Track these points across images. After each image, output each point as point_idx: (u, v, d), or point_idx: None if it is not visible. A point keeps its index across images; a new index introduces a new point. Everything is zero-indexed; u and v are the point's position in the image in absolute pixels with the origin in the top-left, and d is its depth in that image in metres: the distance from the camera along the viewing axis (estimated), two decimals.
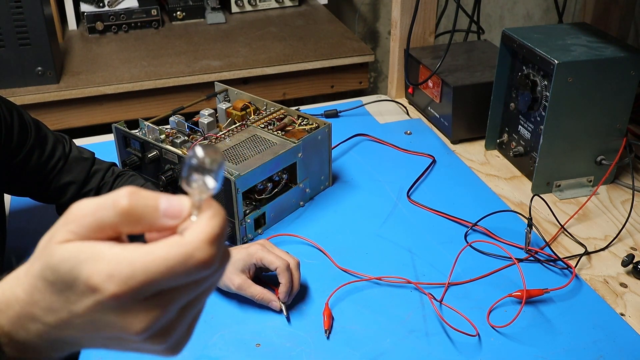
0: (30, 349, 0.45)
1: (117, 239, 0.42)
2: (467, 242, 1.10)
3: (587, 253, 1.09)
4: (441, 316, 0.95)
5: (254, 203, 1.12)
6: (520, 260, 1.06)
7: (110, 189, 1.06)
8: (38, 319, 0.43)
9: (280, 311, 0.96)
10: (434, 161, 1.35)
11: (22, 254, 1.08)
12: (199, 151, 0.41)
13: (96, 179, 1.06)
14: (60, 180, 1.03)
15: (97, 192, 1.06)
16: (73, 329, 0.43)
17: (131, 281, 0.39)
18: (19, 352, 0.45)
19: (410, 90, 1.58)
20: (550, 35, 1.24)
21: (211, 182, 0.41)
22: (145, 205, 0.41)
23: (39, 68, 1.78)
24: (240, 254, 0.96)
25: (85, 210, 0.42)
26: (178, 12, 2.25)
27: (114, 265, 0.39)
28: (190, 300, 0.43)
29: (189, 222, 0.41)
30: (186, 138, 1.17)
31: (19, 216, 1.17)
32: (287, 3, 2.40)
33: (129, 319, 0.41)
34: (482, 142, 1.41)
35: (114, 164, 1.11)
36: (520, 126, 1.29)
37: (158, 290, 0.41)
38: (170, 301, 0.41)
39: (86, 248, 0.40)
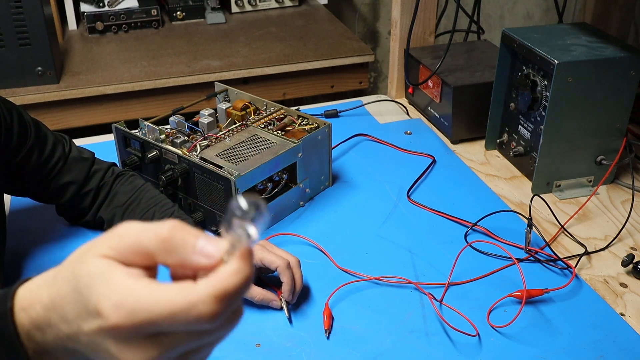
0: (46, 352, 0.45)
1: (149, 268, 0.42)
2: (467, 242, 1.10)
3: (587, 253, 1.09)
4: (441, 316, 0.95)
5: None
6: (520, 260, 1.06)
7: (110, 189, 1.07)
8: (54, 325, 0.43)
9: (281, 308, 0.96)
10: (434, 161, 1.35)
11: (22, 254, 1.08)
12: (243, 203, 0.40)
13: (96, 179, 1.06)
14: (60, 180, 1.03)
15: (97, 192, 1.06)
16: (80, 345, 0.43)
17: (133, 316, 0.39)
18: (37, 353, 0.45)
19: (410, 90, 1.58)
20: (550, 35, 1.24)
21: (252, 231, 0.41)
22: (183, 239, 0.41)
23: (39, 68, 1.78)
24: None
25: (129, 231, 0.42)
26: (178, 12, 2.25)
27: (122, 296, 0.40)
28: (193, 349, 0.43)
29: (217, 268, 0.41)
30: (186, 138, 1.17)
31: (19, 216, 1.17)
32: (287, 3, 2.40)
33: (126, 352, 0.41)
34: (482, 142, 1.41)
35: (114, 164, 1.11)
36: (520, 126, 1.29)
37: (159, 331, 0.40)
38: (170, 345, 0.41)
39: (108, 270, 0.41)
